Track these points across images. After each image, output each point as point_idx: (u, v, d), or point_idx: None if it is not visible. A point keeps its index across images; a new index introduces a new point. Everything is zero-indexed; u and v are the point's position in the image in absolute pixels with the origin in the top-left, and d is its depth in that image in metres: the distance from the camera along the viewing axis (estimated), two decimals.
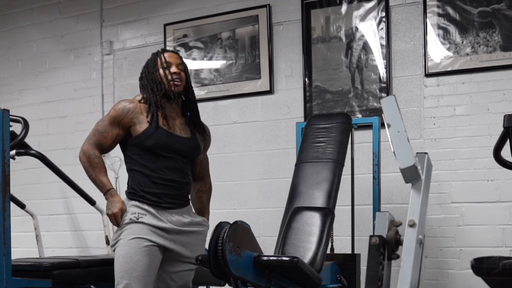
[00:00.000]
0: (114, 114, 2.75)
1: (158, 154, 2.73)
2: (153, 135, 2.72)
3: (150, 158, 2.73)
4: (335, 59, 4.12)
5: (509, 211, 3.65)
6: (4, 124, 2.58)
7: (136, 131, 2.73)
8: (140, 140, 2.73)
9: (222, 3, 4.48)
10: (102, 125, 2.77)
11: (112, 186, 2.74)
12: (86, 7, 5.01)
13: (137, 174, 2.76)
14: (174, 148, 2.76)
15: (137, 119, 2.74)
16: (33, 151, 4.14)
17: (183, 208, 2.83)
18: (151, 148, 2.72)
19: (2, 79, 5.35)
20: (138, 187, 2.74)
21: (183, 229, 2.77)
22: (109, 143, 2.76)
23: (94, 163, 2.72)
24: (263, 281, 2.65)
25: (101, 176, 2.72)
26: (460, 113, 3.80)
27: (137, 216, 2.68)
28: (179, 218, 2.77)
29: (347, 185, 3.64)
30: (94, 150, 2.73)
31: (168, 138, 2.75)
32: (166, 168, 2.75)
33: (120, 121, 2.74)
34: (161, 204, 2.74)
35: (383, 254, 2.53)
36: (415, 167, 2.54)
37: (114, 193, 2.72)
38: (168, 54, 2.86)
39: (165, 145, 2.73)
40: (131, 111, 2.74)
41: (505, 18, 3.69)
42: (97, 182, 2.73)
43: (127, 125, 2.74)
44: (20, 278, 2.69)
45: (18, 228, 4.80)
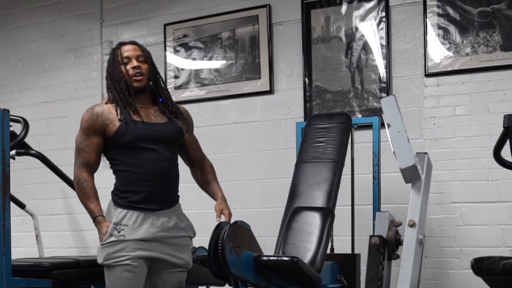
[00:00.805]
0: (86, 125, 2.67)
1: (139, 147, 2.65)
2: (128, 129, 2.64)
3: (133, 154, 2.66)
4: (335, 59, 4.12)
5: (509, 211, 3.65)
6: (4, 124, 2.58)
7: (111, 132, 2.65)
8: (117, 138, 2.65)
9: (222, 3, 4.48)
10: (80, 141, 2.70)
11: (100, 213, 2.67)
12: (86, 7, 5.01)
13: (123, 173, 2.68)
14: (154, 136, 2.68)
15: (108, 120, 2.66)
16: (33, 151, 4.14)
17: (171, 208, 2.74)
18: (130, 143, 2.64)
19: (2, 79, 5.35)
20: (124, 187, 2.67)
21: (166, 234, 2.68)
22: (93, 158, 2.69)
23: (82, 188, 2.67)
24: (263, 281, 2.65)
25: (88, 203, 2.66)
26: (460, 113, 3.80)
27: (119, 229, 2.61)
28: (164, 222, 2.68)
29: (347, 185, 3.64)
30: (82, 173, 2.67)
31: (145, 129, 2.66)
32: (152, 161, 2.66)
33: (93, 128, 2.66)
34: (147, 206, 2.66)
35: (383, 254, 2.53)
36: (415, 167, 2.55)
37: (101, 220, 2.65)
38: (125, 48, 2.75)
39: (143, 136, 2.65)
40: (100, 114, 2.67)
41: (505, 18, 3.69)
42: (86, 208, 2.69)
43: (101, 129, 2.66)
44: (20, 278, 2.69)
45: (18, 228, 4.79)
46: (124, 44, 2.78)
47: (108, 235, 2.62)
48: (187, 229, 2.80)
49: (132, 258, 2.60)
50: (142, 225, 2.64)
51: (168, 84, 4.64)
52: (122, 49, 2.75)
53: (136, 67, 2.71)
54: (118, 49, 2.76)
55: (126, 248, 2.60)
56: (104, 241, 2.62)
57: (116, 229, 2.62)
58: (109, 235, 2.62)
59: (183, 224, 2.78)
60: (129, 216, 2.64)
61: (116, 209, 2.67)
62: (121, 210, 2.65)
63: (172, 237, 2.71)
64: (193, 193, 4.61)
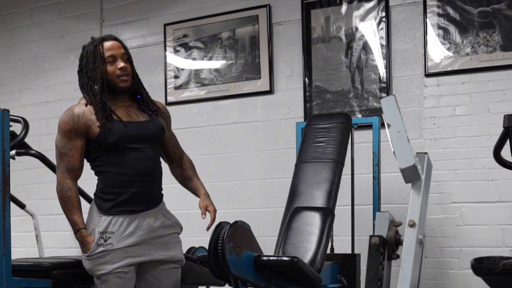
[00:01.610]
0: (67, 128, 2.56)
1: (123, 148, 2.57)
2: (112, 130, 2.55)
3: (117, 154, 2.58)
4: (335, 59, 4.12)
5: (509, 211, 3.65)
6: (4, 124, 2.58)
7: (94, 133, 2.56)
8: (101, 140, 2.56)
9: (222, 3, 4.48)
10: (62, 145, 2.57)
11: (83, 225, 2.57)
12: (86, 7, 5.01)
13: (107, 174, 2.60)
14: (137, 135, 2.60)
15: (90, 121, 2.56)
16: (33, 151, 4.13)
17: (156, 208, 2.67)
18: (115, 143, 2.56)
19: (2, 79, 5.35)
20: (108, 189, 2.59)
21: (153, 235, 2.63)
22: (77, 162, 2.59)
23: (66, 197, 2.57)
24: (263, 281, 2.66)
25: (71, 214, 2.57)
26: (460, 113, 3.80)
27: (105, 238, 2.54)
28: (150, 223, 2.62)
29: (347, 185, 3.64)
30: (66, 180, 2.56)
31: (128, 128, 2.58)
32: (136, 160, 2.59)
33: (76, 130, 2.55)
34: (132, 208, 2.59)
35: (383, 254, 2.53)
36: (415, 167, 2.54)
37: (85, 233, 2.56)
38: (108, 45, 2.60)
39: (127, 136, 2.57)
40: (81, 115, 2.57)
41: (505, 18, 3.69)
42: (68, 219, 2.61)
43: (84, 131, 2.56)
44: (20, 278, 2.69)
45: (18, 228, 4.79)
46: (106, 40, 2.63)
47: (95, 245, 2.54)
48: (174, 226, 2.73)
49: (121, 266, 2.56)
50: (129, 230, 2.57)
51: (168, 84, 4.64)
52: (105, 46, 2.60)
53: (123, 68, 2.60)
54: (100, 45, 2.60)
55: (115, 258, 2.54)
56: (92, 251, 2.54)
57: (102, 238, 2.55)
58: (96, 246, 2.54)
59: (169, 222, 2.71)
60: (114, 222, 2.57)
61: (100, 216, 2.59)
62: (105, 218, 2.57)
63: (159, 236, 2.65)
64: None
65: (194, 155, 2.90)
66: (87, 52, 2.64)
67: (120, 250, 2.55)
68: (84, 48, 2.67)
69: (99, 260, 2.55)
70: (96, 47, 2.61)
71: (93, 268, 2.58)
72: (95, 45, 2.62)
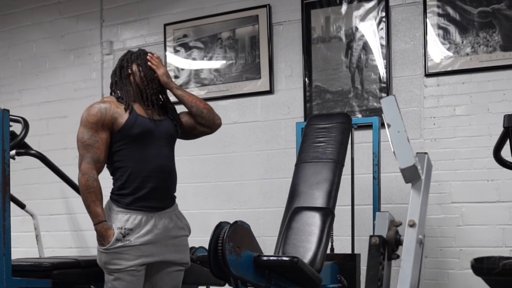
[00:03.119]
0: (95, 119, 2.64)
1: (144, 142, 2.67)
2: (137, 122, 2.66)
3: (139, 149, 2.66)
4: (335, 59, 4.12)
5: (509, 211, 3.65)
6: (4, 124, 2.58)
7: (119, 124, 2.64)
8: (125, 131, 2.65)
9: (222, 3, 4.48)
10: (87, 137, 2.63)
11: (105, 219, 2.61)
12: (86, 7, 5.01)
13: (126, 169, 2.66)
14: (158, 133, 2.71)
15: (117, 114, 2.66)
16: (33, 151, 4.13)
17: (171, 208, 2.76)
18: (138, 136, 2.65)
19: (2, 79, 5.35)
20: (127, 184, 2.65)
21: (168, 235, 2.71)
22: (103, 154, 2.65)
23: (91, 188, 2.59)
24: (263, 281, 2.66)
25: (95, 206, 2.60)
26: (460, 113, 3.80)
27: (124, 233, 2.60)
28: (165, 223, 2.70)
29: (347, 185, 3.64)
30: (92, 171, 2.61)
31: (150, 124, 2.70)
32: (156, 156, 2.68)
33: (103, 122, 2.64)
34: (151, 204, 2.66)
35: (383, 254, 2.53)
36: (415, 167, 2.54)
37: (107, 226, 2.61)
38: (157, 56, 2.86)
39: (150, 131, 2.68)
40: (108, 108, 2.66)
41: (505, 18, 3.69)
42: (90, 210, 2.62)
43: (110, 124, 2.65)
44: (20, 278, 2.69)
45: (18, 228, 4.79)
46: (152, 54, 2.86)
47: (114, 240, 2.59)
48: (185, 228, 2.83)
49: (135, 265, 2.62)
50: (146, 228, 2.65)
51: None
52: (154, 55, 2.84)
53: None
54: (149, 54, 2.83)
55: (131, 255, 2.61)
56: (111, 245, 2.59)
57: (121, 233, 2.61)
58: (115, 240, 2.60)
59: (181, 224, 2.80)
60: (132, 220, 2.64)
61: (117, 214, 2.65)
62: (123, 215, 2.64)
63: (172, 237, 2.73)
64: (193, 193, 4.63)
65: (194, 155, 2.92)
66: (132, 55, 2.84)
67: (137, 249, 2.62)
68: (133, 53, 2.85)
69: (116, 255, 2.61)
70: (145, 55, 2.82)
71: (109, 262, 2.63)
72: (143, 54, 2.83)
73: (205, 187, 4.49)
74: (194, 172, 4.49)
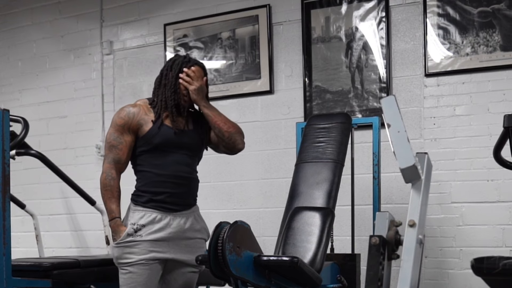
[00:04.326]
0: (122, 122, 2.75)
1: (165, 151, 2.75)
2: (159, 132, 2.73)
3: (159, 156, 2.75)
4: (335, 59, 4.12)
5: (509, 211, 3.65)
6: (4, 124, 2.58)
7: (143, 131, 2.74)
8: (147, 139, 2.74)
9: (222, 3, 4.48)
10: (113, 138, 2.76)
11: (118, 215, 2.73)
12: (86, 7, 5.01)
13: (146, 173, 2.76)
14: (181, 143, 2.77)
15: (143, 120, 2.75)
16: (33, 151, 4.14)
17: (189, 210, 2.81)
18: (159, 145, 2.73)
19: (2, 79, 5.35)
20: (145, 187, 2.75)
21: (181, 235, 2.76)
22: (125, 155, 2.75)
23: (108, 186, 2.72)
24: (263, 281, 2.65)
25: (110, 202, 2.72)
26: (460, 113, 3.80)
27: (136, 228, 2.68)
28: (180, 223, 2.75)
29: (347, 185, 3.64)
30: (111, 170, 2.73)
31: (173, 134, 2.75)
32: (175, 163, 2.75)
33: (129, 126, 2.74)
34: (167, 206, 2.73)
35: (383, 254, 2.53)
36: (415, 167, 2.54)
37: (119, 222, 2.71)
38: (195, 69, 2.82)
39: (171, 142, 2.75)
40: (136, 114, 2.76)
41: (505, 18, 3.69)
42: (106, 206, 2.74)
43: (136, 128, 2.75)
44: (20, 278, 2.69)
45: (18, 228, 4.80)
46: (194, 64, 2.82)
47: (125, 234, 2.68)
48: (202, 231, 2.86)
49: (146, 259, 2.67)
50: (159, 225, 2.70)
51: None
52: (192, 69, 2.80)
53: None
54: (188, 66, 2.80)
55: (141, 249, 2.67)
56: (121, 239, 2.67)
57: (133, 228, 2.68)
58: (126, 235, 2.68)
59: (198, 226, 2.84)
60: (146, 217, 2.70)
61: (133, 212, 2.73)
62: (138, 213, 2.71)
63: (186, 238, 2.77)
64: None
65: None
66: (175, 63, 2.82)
67: (147, 243, 2.67)
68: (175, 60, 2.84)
69: (126, 249, 2.67)
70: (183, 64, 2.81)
71: (120, 256, 2.69)
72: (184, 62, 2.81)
73: (205, 187, 4.47)
74: None
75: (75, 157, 4.92)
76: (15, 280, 2.64)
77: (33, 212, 4.56)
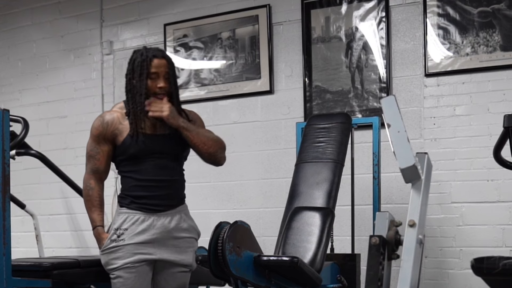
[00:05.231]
0: (97, 132, 2.71)
1: (143, 158, 2.70)
2: (134, 143, 2.67)
3: (136, 162, 2.71)
4: (335, 59, 4.12)
5: (509, 211, 3.65)
6: (4, 124, 2.58)
7: (119, 141, 2.70)
8: (123, 149, 2.70)
9: (222, 3, 4.48)
10: (90, 148, 2.74)
11: (100, 223, 2.72)
12: (86, 7, 5.01)
13: (127, 179, 2.74)
14: (158, 149, 2.70)
15: (117, 130, 2.69)
16: (33, 151, 4.14)
17: (174, 210, 2.73)
18: (134, 155, 2.69)
19: (2, 79, 5.35)
20: (127, 191, 2.73)
21: (166, 235, 2.69)
22: (103, 165, 2.73)
23: (87, 196, 2.74)
24: (263, 281, 2.66)
25: (91, 212, 2.73)
26: (460, 113, 3.80)
27: (119, 234, 2.66)
28: (164, 223, 2.69)
29: (347, 185, 3.64)
30: (90, 180, 2.74)
31: (149, 142, 2.69)
32: (154, 168, 2.70)
33: (104, 136, 2.70)
34: (150, 207, 2.69)
35: (383, 254, 2.53)
36: (415, 167, 2.54)
37: (101, 230, 2.71)
38: (156, 63, 2.67)
39: (147, 150, 2.69)
40: (110, 123, 2.70)
41: (505, 18, 3.69)
42: (88, 216, 2.75)
43: (111, 138, 2.71)
44: (20, 278, 2.69)
45: (18, 228, 4.79)
46: (156, 57, 2.68)
47: (109, 240, 2.67)
48: (191, 230, 2.78)
49: (131, 262, 2.64)
50: (142, 226, 2.67)
51: None
52: (153, 64, 2.67)
53: (162, 88, 2.68)
54: (150, 62, 2.67)
55: (126, 253, 2.65)
56: (105, 247, 2.68)
57: (116, 234, 2.67)
58: (109, 241, 2.67)
59: (186, 225, 2.76)
60: (129, 220, 2.68)
61: (118, 215, 2.72)
62: (122, 216, 2.70)
63: (173, 238, 2.71)
64: (192, 193, 4.61)
65: (194, 155, 2.90)
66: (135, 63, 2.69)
67: (131, 246, 2.65)
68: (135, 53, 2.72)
69: (111, 255, 2.67)
70: (144, 61, 2.67)
71: (107, 263, 2.69)
72: (144, 59, 2.68)
73: (205, 187, 4.49)
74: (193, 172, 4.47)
75: (75, 157, 4.91)
76: (15, 280, 2.63)
77: (33, 212, 4.56)
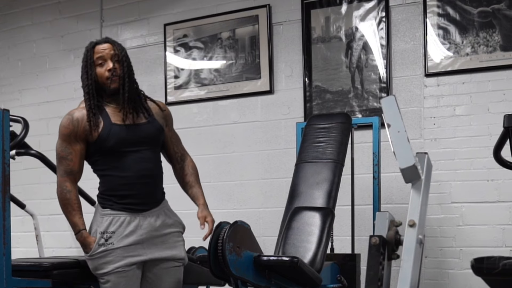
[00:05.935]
0: (67, 132, 2.60)
1: (122, 151, 2.61)
2: (110, 134, 2.59)
3: (116, 158, 2.61)
4: (335, 59, 4.12)
5: (509, 211, 3.65)
6: (4, 124, 2.58)
7: (93, 137, 2.60)
8: (100, 144, 2.60)
9: (222, 3, 4.49)
10: (61, 149, 2.62)
11: (83, 227, 2.62)
12: (86, 7, 5.01)
13: (108, 178, 2.65)
14: (136, 138, 2.63)
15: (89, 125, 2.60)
16: (33, 151, 4.13)
17: (158, 207, 2.69)
18: (113, 148, 2.60)
19: (2, 79, 5.36)
20: (110, 191, 2.64)
21: (155, 233, 2.66)
22: (77, 165, 2.63)
23: (65, 200, 2.62)
24: (263, 281, 2.66)
25: (71, 216, 2.62)
26: (460, 113, 3.80)
27: (106, 237, 2.59)
28: (150, 222, 2.65)
29: (347, 185, 3.64)
30: (65, 183, 2.62)
31: (126, 132, 2.61)
32: (135, 163, 2.62)
33: (75, 134, 2.60)
34: (135, 207, 2.63)
35: (383, 254, 2.53)
36: (415, 167, 2.54)
37: (86, 234, 2.62)
38: (99, 48, 2.62)
39: (126, 140, 2.60)
40: (80, 120, 2.61)
41: (505, 18, 3.69)
42: (68, 220, 2.66)
43: (83, 135, 2.59)
44: (20, 278, 2.69)
45: (18, 228, 4.79)
46: (98, 44, 2.64)
47: (97, 245, 2.60)
48: (176, 224, 2.75)
49: (122, 266, 2.60)
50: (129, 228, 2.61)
51: (168, 84, 4.65)
52: (96, 50, 2.63)
53: (111, 70, 2.60)
54: (92, 50, 2.63)
55: (116, 257, 2.59)
56: (93, 251, 2.60)
57: (103, 237, 2.60)
58: (97, 246, 2.60)
59: (171, 221, 2.73)
60: (114, 222, 2.61)
61: (102, 217, 2.63)
62: (107, 218, 2.62)
63: (161, 235, 2.68)
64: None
65: (194, 155, 2.91)
66: (83, 57, 2.67)
67: (121, 250, 2.59)
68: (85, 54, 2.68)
69: (100, 260, 2.60)
70: (88, 51, 2.64)
71: (96, 268, 2.63)
72: (87, 50, 2.65)
73: (205, 187, 4.43)
74: None
75: None
76: (15, 280, 2.63)
77: (33, 212, 4.55)
